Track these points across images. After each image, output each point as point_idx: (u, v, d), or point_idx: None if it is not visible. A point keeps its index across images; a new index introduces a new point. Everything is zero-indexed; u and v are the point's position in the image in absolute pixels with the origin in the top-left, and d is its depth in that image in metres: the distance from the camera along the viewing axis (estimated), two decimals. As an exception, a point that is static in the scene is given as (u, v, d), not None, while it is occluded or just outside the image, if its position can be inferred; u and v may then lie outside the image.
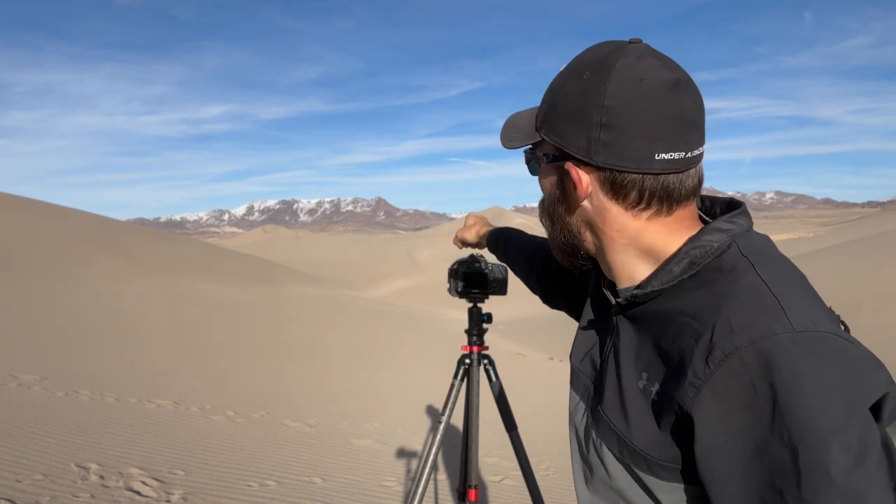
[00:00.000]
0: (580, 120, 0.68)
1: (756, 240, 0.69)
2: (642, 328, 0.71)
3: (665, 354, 0.66)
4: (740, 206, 0.73)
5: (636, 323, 0.73)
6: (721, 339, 0.59)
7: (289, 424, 4.79)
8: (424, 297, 33.50)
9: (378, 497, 3.36)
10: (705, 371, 0.59)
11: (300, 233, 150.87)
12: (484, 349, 1.91)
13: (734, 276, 0.63)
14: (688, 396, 0.60)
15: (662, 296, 0.68)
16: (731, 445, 0.58)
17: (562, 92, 0.71)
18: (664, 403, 0.64)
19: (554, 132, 0.72)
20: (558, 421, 6.12)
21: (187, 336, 8.61)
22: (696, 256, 0.67)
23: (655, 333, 0.69)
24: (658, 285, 0.68)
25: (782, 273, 0.64)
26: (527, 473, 1.84)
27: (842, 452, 0.52)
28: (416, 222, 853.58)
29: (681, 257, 0.67)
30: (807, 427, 0.53)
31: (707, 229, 0.68)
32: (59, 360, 5.88)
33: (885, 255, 17.78)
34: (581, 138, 0.68)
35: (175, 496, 2.96)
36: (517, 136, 0.77)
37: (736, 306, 0.60)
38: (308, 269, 37.47)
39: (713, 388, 0.58)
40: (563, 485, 4.00)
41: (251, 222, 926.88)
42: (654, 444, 0.66)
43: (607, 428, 0.73)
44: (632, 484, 0.70)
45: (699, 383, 0.59)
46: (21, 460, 3.10)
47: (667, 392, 0.64)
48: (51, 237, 15.99)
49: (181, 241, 26.20)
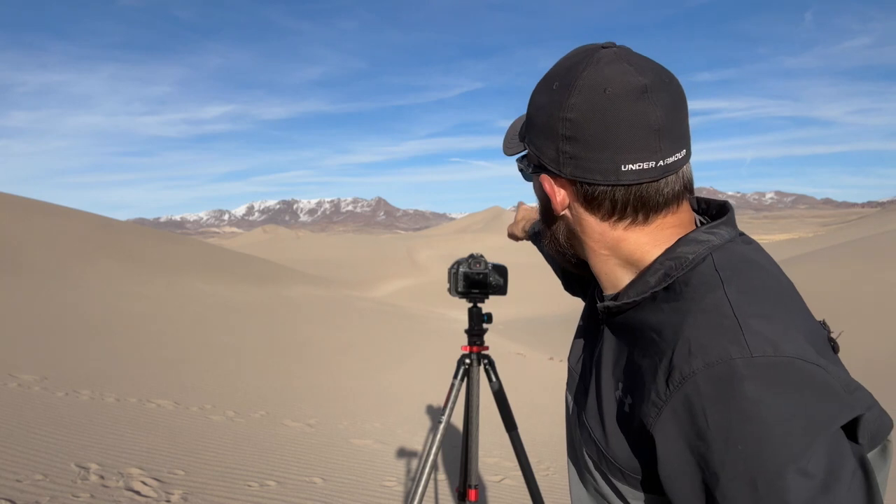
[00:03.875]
0: (548, 132, 0.67)
1: (737, 252, 0.66)
2: (621, 337, 0.70)
3: (637, 368, 0.64)
4: (726, 214, 0.70)
5: (617, 332, 0.71)
6: (680, 360, 0.57)
7: (289, 424, 4.79)
8: (424, 297, 33.50)
9: (378, 497, 3.36)
10: (666, 392, 0.58)
11: (300, 233, 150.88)
12: (484, 349, 1.91)
13: (700, 293, 0.61)
14: (650, 416, 0.59)
15: (639, 307, 0.67)
16: (689, 471, 0.56)
17: (535, 102, 0.71)
18: (634, 417, 0.63)
19: (532, 143, 0.71)
20: (558, 421, 6.12)
21: (187, 336, 8.61)
22: (670, 268, 0.64)
23: (631, 345, 0.67)
24: (634, 296, 0.66)
25: (755, 290, 0.61)
26: (527, 473, 1.84)
27: (801, 480, 0.50)
28: (416, 222, 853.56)
29: (655, 268, 0.66)
30: (760, 457, 0.51)
31: (684, 240, 0.66)
32: (59, 360, 5.88)
33: (885, 254, 17.78)
34: (551, 150, 0.67)
35: (175, 496, 2.96)
36: (511, 144, 0.77)
37: (696, 327, 0.58)
38: (308, 269, 37.47)
39: (673, 411, 0.57)
40: (563, 485, 4.00)
41: (251, 222, 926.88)
42: (627, 457, 0.65)
43: (588, 435, 0.72)
44: (609, 491, 0.70)
45: (661, 404, 0.58)
46: (21, 460, 3.10)
47: (636, 406, 0.63)
48: (51, 237, 15.99)
49: (181, 241, 26.18)
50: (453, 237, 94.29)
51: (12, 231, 15.38)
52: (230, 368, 6.89)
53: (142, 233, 24.01)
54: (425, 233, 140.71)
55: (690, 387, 0.55)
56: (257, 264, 25.88)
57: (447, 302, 26.01)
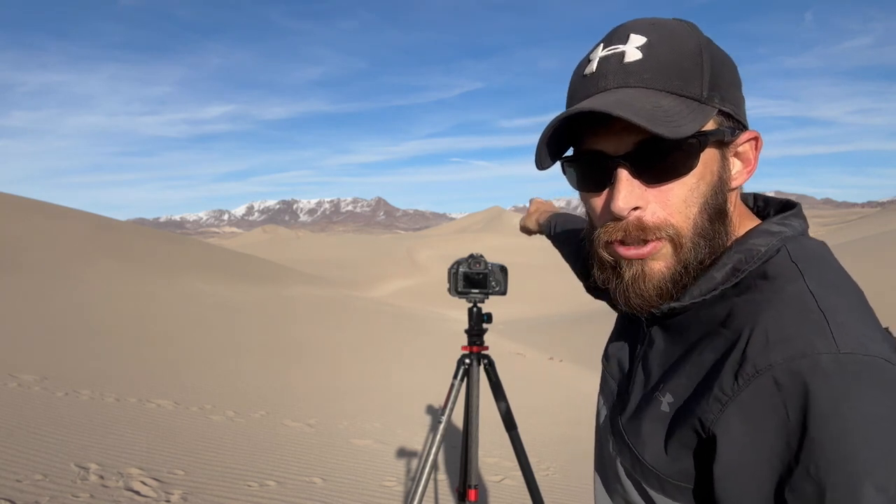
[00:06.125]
0: (738, 82, 0.63)
1: (809, 245, 0.62)
2: (674, 338, 0.66)
3: (692, 366, 0.60)
4: (794, 207, 0.67)
5: (668, 332, 0.67)
6: (754, 352, 0.53)
7: (289, 424, 4.79)
8: (424, 297, 33.51)
9: (378, 497, 3.36)
10: (734, 387, 0.53)
11: (300, 233, 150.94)
12: (484, 349, 1.91)
13: (778, 284, 0.57)
14: (711, 412, 0.55)
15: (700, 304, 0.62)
16: (753, 470, 0.52)
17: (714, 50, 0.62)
18: (683, 419, 0.59)
19: (727, 100, 0.61)
20: (558, 421, 6.12)
21: (187, 336, 8.61)
22: (739, 262, 0.60)
23: (686, 343, 0.63)
24: (699, 295, 0.61)
25: (835, 285, 0.57)
26: (527, 473, 1.84)
27: (875, 494, 0.46)
28: (416, 222, 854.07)
29: (723, 262, 0.61)
30: (838, 463, 0.48)
31: (755, 231, 0.62)
32: (59, 360, 5.88)
33: (885, 254, 17.78)
34: (742, 103, 0.63)
35: (175, 496, 2.96)
36: (680, 117, 0.57)
37: (775, 317, 0.54)
38: (308, 269, 37.47)
39: (740, 406, 0.53)
40: (563, 485, 4.00)
41: (251, 222, 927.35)
42: (666, 461, 0.61)
43: (622, 440, 0.68)
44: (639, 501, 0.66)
45: (725, 399, 0.54)
46: (21, 460, 3.10)
47: (688, 407, 0.59)
48: (51, 237, 15.99)
49: (181, 241, 26.19)
50: (453, 237, 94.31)
51: (12, 231, 15.39)
52: (230, 368, 6.89)
53: (142, 233, 24.02)
54: (425, 233, 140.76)
55: (766, 380, 0.52)
56: (257, 264, 25.89)
57: (447, 302, 26.02)
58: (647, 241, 0.60)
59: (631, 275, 0.62)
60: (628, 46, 0.60)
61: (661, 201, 0.60)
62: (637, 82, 0.59)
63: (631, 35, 0.61)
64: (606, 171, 0.61)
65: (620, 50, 0.60)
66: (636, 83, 0.59)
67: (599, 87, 0.61)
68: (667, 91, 0.58)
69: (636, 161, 0.59)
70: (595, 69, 0.62)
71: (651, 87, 0.59)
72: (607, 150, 0.60)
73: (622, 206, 0.59)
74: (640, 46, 0.60)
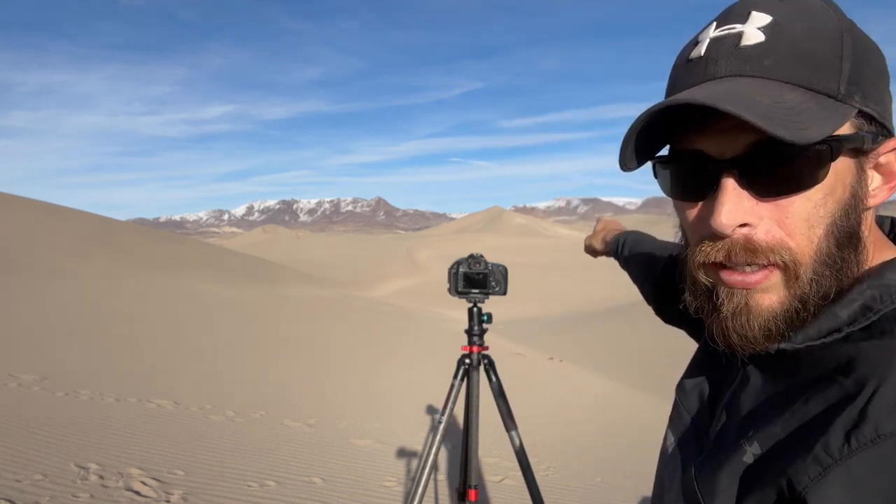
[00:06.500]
0: (886, 77, 0.51)
1: None
2: (775, 379, 0.55)
3: (792, 414, 0.50)
4: None
5: (768, 372, 0.56)
6: (879, 412, 0.43)
7: (289, 424, 4.79)
8: (424, 297, 33.50)
9: (378, 497, 3.36)
10: (843, 449, 0.43)
11: (300, 233, 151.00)
12: (484, 349, 1.91)
13: None
14: (807, 474, 0.45)
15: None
16: None
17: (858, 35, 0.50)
18: (769, 475, 0.49)
19: (871, 99, 0.49)
20: (558, 421, 6.12)
21: (187, 336, 8.61)
22: (872, 300, 0.49)
23: (789, 387, 0.52)
24: (816, 336, 0.50)
25: None
26: (527, 473, 1.84)
27: None
28: (416, 222, 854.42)
29: (851, 298, 0.49)
30: None
31: (894, 263, 0.50)
32: (59, 360, 5.88)
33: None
34: (890, 103, 0.51)
35: (175, 496, 2.96)
36: (807, 117, 0.45)
37: None
38: (308, 269, 37.48)
39: (847, 473, 0.43)
40: (563, 485, 4.00)
41: (251, 222, 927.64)
42: None
43: (691, 488, 0.58)
44: None
45: (829, 462, 0.44)
46: (21, 460, 3.10)
47: (777, 462, 0.49)
48: (51, 237, 16.00)
49: (181, 241, 26.20)
50: (453, 237, 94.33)
51: (12, 231, 15.39)
52: (230, 368, 6.90)
53: (142, 233, 24.04)
54: (425, 233, 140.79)
55: (888, 449, 0.42)
56: (257, 264, 25.90)
57: (447, 302, 26.03)
58: (756, 265, 0.49)
59: (732, 308, 0.51)
60: (748, 26, 0.49)
61: (778, 218, 0.48)
62: (755, 70, 0.48)
63: (752, 12, 0.50)
64: (708, 178, 0.50)
65: (737, 30, 0.50)
66: (754, 71, 0.48)
67: (707, 75, 0.50)
68: (793, 83, 0.47)
69: (747, 168, 0.48)
70: (703, 52, 0.51)
71: (773, 77, 0.48)
72: (711, 153, 0.50)
73: (724, 222, 0.48)
74: (764, 27, 0.49)
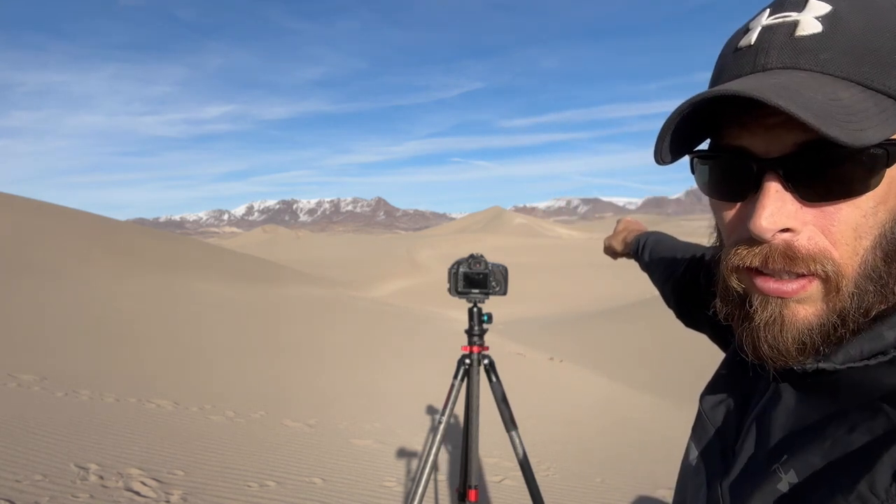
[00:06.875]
0: None
1: None
2: (811, 401, 0.50)
3: (832, 444, 0.45)
4: None
5: (803, 392, 0.51)
6: None
7: (289, 424, 4.79)
8: (424, 297, 33.50)
9: (378, 497, 3.36)
10: (890, 489, 0.40)
11: (300, 233, 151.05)
12: (484, 349, 1.91)
13: None
14: None
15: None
16: None
17: None
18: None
19: None
20: (558, 421, 6.12)
21: (187, 336, 8.61)
22: None
23: (827, 411, 0.47)
24: (858, 357, 0.46)
25: None
26: (527, 473, 1.84)
27: None
28: (416, 222, 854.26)
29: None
30: None
31: None
32: (59, 360, 5.88)
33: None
34: None
35: (175, 496, 2.95)
36: (864, 117, 0.41)
37: None
38: (308, 269, 37.49)
39: None
40: (563, 485, 4.00)
41: (251, 222, 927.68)
42: None
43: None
44: None
45: (874, 502, 0.40)
46: (21, 460, 3.10)
47: (815, 495, 0.44)
48: (51, 237, 15.99)
49: (181, 241, 26.21)
50: (453, 237, 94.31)
51: (12, 231, 15.39)
52: (230, 368, 6.89)
53: (141, 233, 24.04)
54: (425, 233, 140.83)
55: None
56: (257, 264, 25.90)
57: (447, 302, 26.04)
58: (794, 273, 0.45)
59: (765, 317, 0.47)
60: (804, 15, 0.45)
61: (822, 226, 0.44)
62: (810, 64, 0.44)
63: (811, 0, 0.46)
64: (750, 177, 0.46)
65: (793, 19, 0.46)
66: (809, 65, 0.44)
67: (757, 66, 0.46)
68: (851, 80, 0.43)
69: (793, 169, 0.44)
70: (754, 41, 0.47)
71: (829, 72, 0.44)
72: (755, 150, 0.46)
73: (765, 226, 0.44)
74: (822, 17, 0.45)
